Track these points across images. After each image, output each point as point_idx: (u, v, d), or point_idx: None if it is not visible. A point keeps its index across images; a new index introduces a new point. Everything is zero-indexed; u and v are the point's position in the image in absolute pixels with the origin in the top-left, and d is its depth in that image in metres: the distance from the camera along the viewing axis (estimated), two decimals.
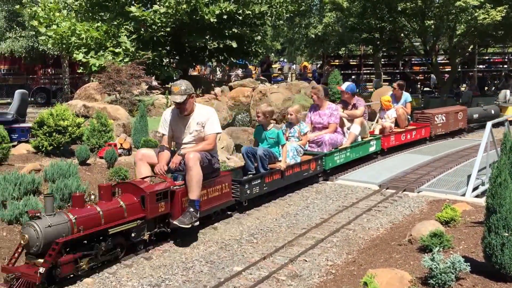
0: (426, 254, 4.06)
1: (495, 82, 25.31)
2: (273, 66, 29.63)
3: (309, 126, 8.21)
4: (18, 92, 9.39)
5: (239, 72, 20.90)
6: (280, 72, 28.98)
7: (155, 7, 12.97)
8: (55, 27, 13.16)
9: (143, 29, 13.45)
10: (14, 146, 7.79)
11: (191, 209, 5.00)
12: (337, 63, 26.61)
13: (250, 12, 13.89)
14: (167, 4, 12.56)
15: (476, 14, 15.78)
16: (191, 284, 4.16)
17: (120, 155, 7.65)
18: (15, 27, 23.67)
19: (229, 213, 5.99)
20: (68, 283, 4.05)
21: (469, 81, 24.73)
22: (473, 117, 14.17)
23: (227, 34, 14.16)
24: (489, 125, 7.79)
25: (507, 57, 27.11)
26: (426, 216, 5.86)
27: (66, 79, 21.59)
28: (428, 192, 7.21)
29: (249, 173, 6.59)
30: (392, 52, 25.36)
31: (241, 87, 14.51)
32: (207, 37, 14.08)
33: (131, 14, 12.88)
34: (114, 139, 8.17)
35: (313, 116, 8.40)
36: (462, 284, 3.67)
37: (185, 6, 12.44)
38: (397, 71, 26.32)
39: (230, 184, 5.83)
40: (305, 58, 31.63)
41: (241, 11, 13.64)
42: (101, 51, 13.11)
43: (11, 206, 5.12)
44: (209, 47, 14.66)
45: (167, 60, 15.48)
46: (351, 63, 27.93)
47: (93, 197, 4.46)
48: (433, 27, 17.59)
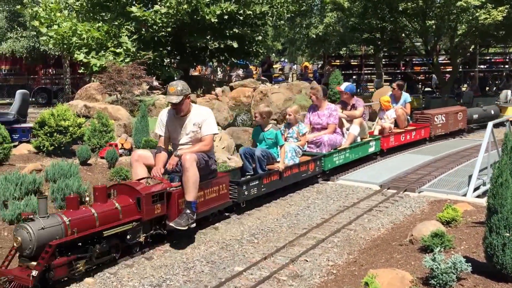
0: (427, 254, 4.06)
1: (496, 82, 25.31)
2: (274, 66, 29.62)
3: (308, 126, 8.18)
4: (19, 92, 9.40)
5: (240, 72, 20.88)
6: (281, 72, 29.00)
7: (156, 7, 12.97)
8: (56, 27, 13.16)
9: (144, 29, 13.46)
10: (15, 146, 7.80)
11: (188, 211, 4.95)
12: (338, 63, 26.60)
13: (251, 12, 13.88)
14: (168, 4, 12.56)
15: (477, 14, 15.77)
16: (192, 284, 4.16)
17: (121, 155, 7.65)
18: (16, 27, 23.67)
19: (226, 214, 5.96)
20: (68, 283, 4.05)
21: (470, 81, 24.70)
22: (473, 117, 14.15)
23: (228, 34, 14.15)
24: (490, 125, 7.79)
25: (508, 57, 27.08)
26: (427, 216, 5.86)
27: (67, 79, 21.59)
28: (429, 192, 7.20)
29: (247, 174, 6.56)
30: (393, 52, 25.39)
31: (242, 87, 14.51)
32: (208, 37, 14.08)
33: (132, 14, 12.88)
34: (115, 139, 8.18)
35: (312, 116, 8.37)
36: (463, 284, 3.66)
37: (186, 6, 12.44)
38: (398, 71, 26.31)
39: (227, 185, 5.79)
40: (306, 58, 31.61)
41: (242, 11, 13.64)
42: (102, 51, 13.11)
43: (12, 206, 5.13)
44: (210, 47, 14.65)
45: (168, 60, 15.49)
46: (352, 63, 27.91)
47: (88, 199, 4.41)
48: (434, 27, 17.57)
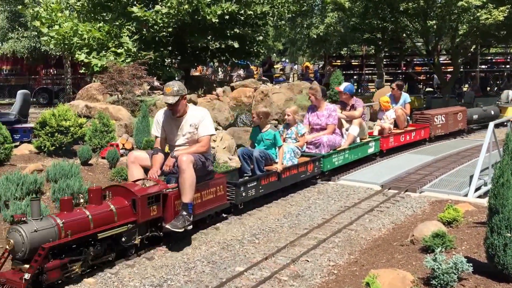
0: (428, 254, 4.06)
1: (498, 82, 25.32)
2: (275, 66, 29.61)
3: (307, 127, 8.15)
4: (20, 92, 9.40)
5: (241, 72, 20.86)
6: (282, 72, 28.98)
7: (157, 7, 12.96)
8: (57, 27, 13.15)
9: (145, 30, 13.45)
10: (16, 146, 7.80)
11: (184, 213, 4.91)
12: (339, 64, 26.59)
13: (252, 12, 13.87)
14: (169, 4, 12.55)
15: (478, 14, 15.76)
16: (193, 284, 4.16)
17: (122, 156, 7.65)
18: (17, 27, 23.70)
19: (224, 215, 5.92)
20: (69, 283, 4.05)
21: (471, 81, 24.69)
22: (472, 117, 14.11)
23: (229, 34, 14.14)
24: (492, 125, 7.78)
25: (509, 57, 27.09)
26: (428, 216, 5.86)
27: (68, 80, 21.62)
28: (430, 192, 7.20)
29: (245, 175, 6.53)
30: (394, 52, 25.39)
31: (243, 88, 14.51)
32: (209, 38, 14.07)
33: (133, 14, 12.88)
34: (116, 139, 8.18)
35: (311, 117, 8.32)
36: (464, 284, 3.66)
37: (187, 6, 12.44)
38: (399, 72, 26.30)
39: (225, 186, 5.74)
40: (307, 58, 31.60)
41: (243, 12, 13.62)
42: (103, 52, 13.10)
43: (14, 206, 5.14)
44: (211, 48, 14.64)
45: (169, 60, 15.48)
46: (353, 64, 27.89)
47: (82, 201, 4.36)
48: (435, 27, 17.55)
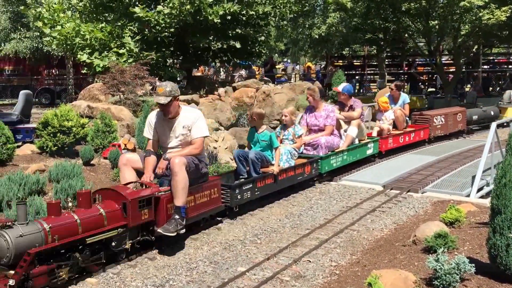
0: (430, 255, 4.05)
1: (500, 82, 25.27)
2: (277, 66, 29.61)
3: (304, 128, 8.05)
4: (22, 93, 9.43)
5: (243, 72, 20.86)
6: (283, 72, 28.97)
7: (159, 8, 12.97)
8: (59, 28, 13.19)
9: (147, 30, 13.47)
10: (18, 146, 7.82)
11: (177, 216, 4.80)
12: (341, 64, 26.58)
13: (253, 12, 13.87)
14: (171, 5, 12.57)
15: (480, 14, 15.72)
16: (195, 284, 4.17)
17: None
18: (20, 28, 23.77)
19: (219, 219, 5.81)
20: (71, 283, 4.06)
21: (473, 81, 24.66)
22: (472, 118, 14.04)
23: (230, 34, 14.14)
24: (494, 125, 7.77)
25: (511, 58, 27.00)
26: (430, 216, 5.85)
27: (70, 80, 21.68)
28: (432, 192, 7.19)
29: (241, 177, 6.45)
30: (396, 52, 25.36)
31: (244, 88, 14.51)
32: (211, 38, 14.08)
33: (135, 15, 12.89)
34: (118, 139, 8.19)
35: (309, 118, 8.21)
36: (466, 285, 3.66)
37: (188, 7, 12.45)
38: (401, 72, 26.27)
39: (219, 189, 5.63)
40: (309, 58, 31.58)
41: (244, 12, 13.63)
42: (105, 52, 13.13)
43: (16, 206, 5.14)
44: (212, 48, 14.65)
45: (171, 60, 15.50)
46: (355, 64, 27.87)
47: (70, 204, 4.27)
48: (437, 27, 17.52)
